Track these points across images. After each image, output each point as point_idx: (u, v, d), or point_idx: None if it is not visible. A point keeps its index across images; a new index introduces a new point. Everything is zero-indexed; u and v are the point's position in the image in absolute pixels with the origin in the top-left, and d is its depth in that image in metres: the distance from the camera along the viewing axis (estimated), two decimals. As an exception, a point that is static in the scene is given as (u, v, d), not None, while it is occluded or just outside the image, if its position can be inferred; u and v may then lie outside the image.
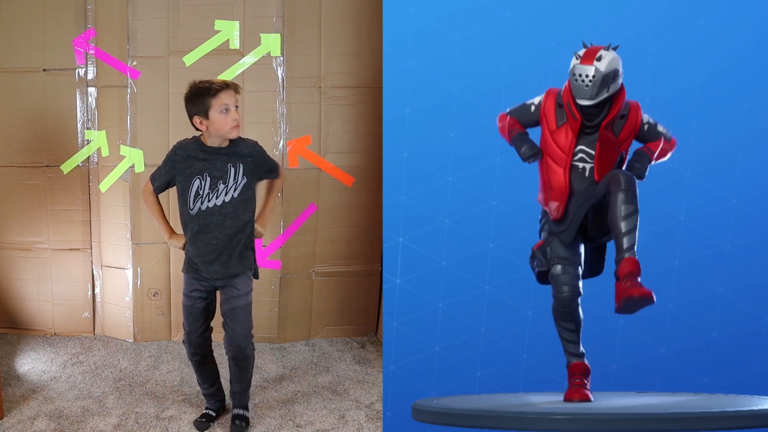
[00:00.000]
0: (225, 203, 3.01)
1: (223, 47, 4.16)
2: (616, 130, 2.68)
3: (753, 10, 3.39)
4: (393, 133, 3.45)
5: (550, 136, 2.71)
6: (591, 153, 2.67)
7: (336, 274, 4.46)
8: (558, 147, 2.69)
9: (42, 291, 4.40)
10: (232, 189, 3.01)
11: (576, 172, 2.69)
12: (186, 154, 3.04)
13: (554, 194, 2.71)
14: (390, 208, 3.44)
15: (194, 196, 3.01)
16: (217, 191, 3.00)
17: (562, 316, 2.73)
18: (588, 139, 2.68)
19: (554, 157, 2.70)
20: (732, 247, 3.42)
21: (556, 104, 2.72)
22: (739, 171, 3.42)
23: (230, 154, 3.02)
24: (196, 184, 3.00)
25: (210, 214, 3.01)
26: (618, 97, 2.65)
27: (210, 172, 3.00)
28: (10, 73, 4.26)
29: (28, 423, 3.29)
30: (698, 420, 2.34)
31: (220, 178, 3.00)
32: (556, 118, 2.71)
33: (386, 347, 3.48)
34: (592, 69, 2.59)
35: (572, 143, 2.67)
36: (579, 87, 2.61)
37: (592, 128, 2.66)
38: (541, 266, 2.76)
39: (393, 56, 3.43)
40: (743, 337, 3.44)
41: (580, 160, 2.69)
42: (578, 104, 2.64)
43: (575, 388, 2.72)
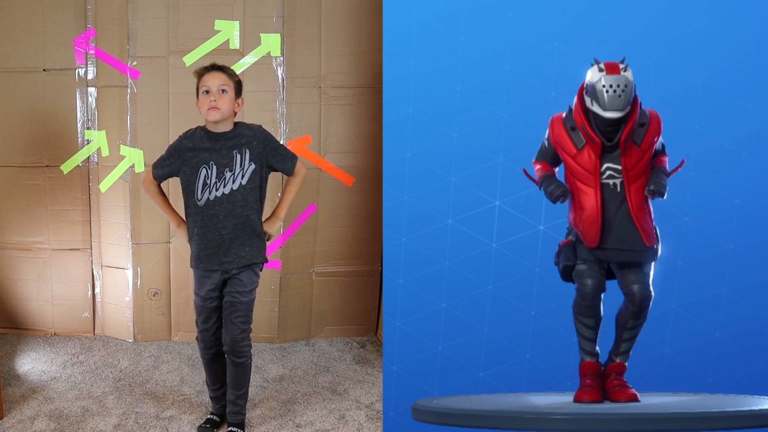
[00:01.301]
0: (233, 191, 2.98)
1: (223, 47, 4.16)
2: (637, 140, 2.67)
3: (755, 9, 3.39)
4: (395, 133, 3.45)
5: (572, 161, 2.70)
6: (618, 168, 2.67)
7: (336, 274, 4.46)
8: (584, 169, 2.68)
9: (42, 291, 4.40)
10: (240, 176, 2.98)
11: (607, 190, 2.68)
12: (192, 144, 3.02)
13: (585, 215, 2.69)
14: (393, 208, 3.44)
15: (202, 186, 2.99)
16: (224, 179, 2.97)
17: (584, 311, 2.73)
18: (612, 155, 2.67)
19: (582, 178, 2.69)
20: (735, 247, 3.42)
21: (566, 129, 2.71)
22: (743, 171, 3.42)
23: (235, 140, 3.00)
24: (203, 174, 2.98)
25: (218, 203, 2.99)
26: (633, 108, 2.65)
27: (216, 160, 2.98)
28: (10, 73, 4.26)
29: (28, 423, 3.29)
30: (698, 420, 2.35)
31: (226, 166, 2.97)
32: (573, 143, 2.70)
33: (388, 347, 3.48)
34: (624, 79, 2.59)
35: (597, 164, 2.66)
36: (611, 98, 2.58)
37: (613, 147, 2.66)
38: (567, 261, 2.75)
39: (395, 56, 3.42)
40: (746, 337, 3.43)
41: (609, 177, 2.68)
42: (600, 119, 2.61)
43: (586, 389, 2.72)
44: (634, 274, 2.67)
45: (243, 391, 3.22)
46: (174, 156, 3.06)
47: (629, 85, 2.59)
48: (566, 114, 2.73)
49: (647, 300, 2.67)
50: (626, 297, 2.70)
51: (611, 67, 2.60)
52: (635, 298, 2.66)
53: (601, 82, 2.59)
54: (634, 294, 2.66)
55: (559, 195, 2.71)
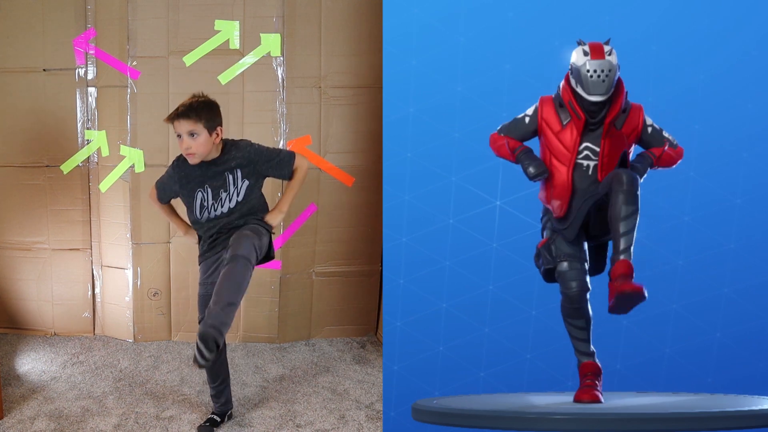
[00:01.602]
0: (231, 209, 3.02)
1: (223, 47, 4.16)
2: (618, 125, 2.68)
3: (755, 9, 3.39)
4: (396, 133, 3.45)
5: (554, 137, 2.71)
6: (596, 150, 2.67)
7: (336, 274, 4.46)
8: (563, 146, 2.69)
9: (42, 291, 4.40)
10: (235, 194, 3.01)
11: (580, 170, 2.69)
12: (184, 173, 3.05)
13: (556, 192, 2.71)
14: (393, 208, 3.44)
15: (200, 208, 3.04)
16: (221, 200, 3.01)
17: (571, 313, 2.72)
18: (592, 135, 2.67)
19: (559, 155, 2.70)
20: (736, 247, 3.42)
21: (555, 106, 2.72)
22: (743, 171, 3.42)
23: (225, 164, 3.01)
24: (200, 197, 3.02)
25: (218, 219, 3.02)
26: (619, 91, 2.65)
27: (210, 183, 3.01)
28: (10, 73, 4.26)
29: (28, 423, 3.29)
30: (698, 420, 2.34)
31: (221, 188, 3.00)
32: (559, 119, 2.71)
33: (389, 347, 3.48)
34: (607, 63, 2.58)
35: (577, 141, 2.67)
36: (594, 83, 2.59)
37: (596, 125, 2.66)
38: (547, 264, 2.75)
39: (395, 56, 3.43)
40: (747, 337, 3.43)
41: (585, 158, 2.69)
42: (586, 101, 2.63)
43: (586, 389, 2.71)
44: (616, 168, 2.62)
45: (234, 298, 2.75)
46: (170, 183, 3.13)
47: (613, 69, 2.59)
48: (555, 93, 2.74)
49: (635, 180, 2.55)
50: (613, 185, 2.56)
51: (596, 51, 2.60)
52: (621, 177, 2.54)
53: (585, 66, 2.60)
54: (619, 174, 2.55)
55: (538, 174, 2.70)
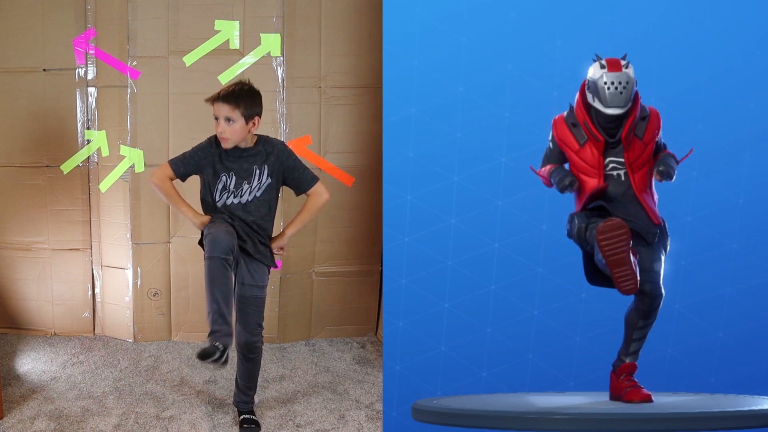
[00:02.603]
0: (248, 202, 3.06)
1: (223, 47, 4.16)
2: (639, 133, 2.68)
3: (758, 8, 3.39)
4: (397, 133, 3.45)
5: (576, 156, 2.71)
6: (621, 161, 2.68)
7: (336, 274, 4.46)
8: (587, 164, 2.70)
9: (42, 291, 4.40)
10: (256, 189, 3.06)
11: (611, 179, 2.69)
12: (218, 152, 3.06)
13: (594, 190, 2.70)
14: (395, 207, 3.44)
15: (220, 191, 3.06)
16: (242, 190, 3.05)
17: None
18: (614, 151, 2.68)
19: (586, 172, 2.71)
20: (738, 246, 3.42)
21: (568, 126, 2.72)
22: (746, 170, 3.42)
23: (255, 156, 3.06)
24: (223, 180, 3.05)
25: (234, 209, 3.06)
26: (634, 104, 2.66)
27: (236, 172, 3.04)
28: (10, 73, 4.26)
29: (28, 423, 3.29)
30: (698, 420, 2.35)
31: (245, 179, 3.05)
32: (575, 138, 2.71)
33: (390, 347, 3.48)
34: (625, 76, 2.59)
35: (600, 159, 2.68)
36: (613, 95, 2.59)
37: (615, 143, 2.67)
38: (581, 222, 2.69)
39: (396, 56, 3.42)
40: (750, 337, 3.43)
41: (613, 169, 2.70)
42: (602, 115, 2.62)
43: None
44: (644, 273, 2.66)
45: (253, 383, 3.34)
46: (200, 156, 3.07)
47: (630, 81, 2.60)
48: (567, 112, 2.74)
49: (658, 299, 2.66)
50: (637, 296, 2.68)
51: (613, 64, 2.61)
52: (646, 297, 2.65)
53: (602, 79, 2.60)
54: (646, 293, 2.64)
55: (567, 184, 2.70)
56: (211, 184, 3.08)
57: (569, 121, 2.71)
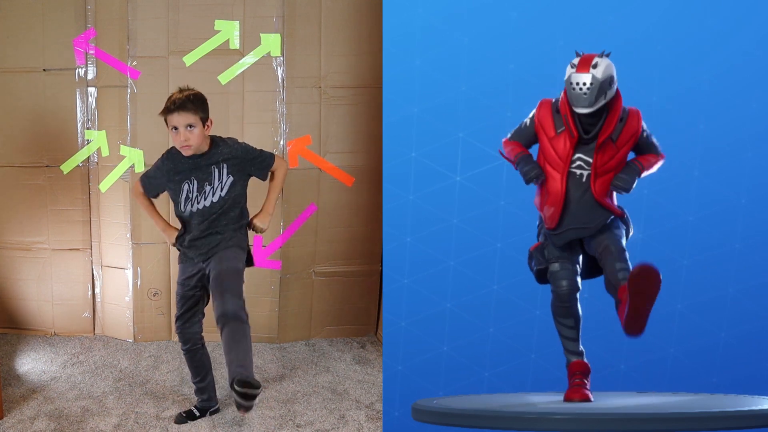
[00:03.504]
0: (213, 203, 3.09)
1: (223, 47, 4.16)
2: (614, 135, 2.68)
3: (759, 8, 3.39)
4: (399, 133, 3.46)
5: (548, 143, 2.72)
6: (588, 161, 2.69)
7: (336, 274, 4.46)
8: (556, 154, 2.71)
9: (42, 291, 4.40)
10: (219, 189, 3.09)
11: (573, 178, 2.71)
12: (173, 166, 3.13)
13: (550, 199, 2.73)
14: (397, 207, 3.45)
15: (185, 200, 3.11)
16: (205, 193, 3.09)
17: (561, 312, 2.74)
18: (586, 147, 2.69)
19: (552, 163, 2.72)
20: (741, 246, 3.42)
21: (552, 111, 2.73)
22: (748, 170, 3.42)
23: (212, 158, 3.09)
24: (186, 188, 3.10)
25: (200, 213, 3.10)
26: (614, 105, 2.66)
27: (196, 176, 3.09)
28: (10, 73, 4.26)
29: (28, 423, 3.29)
30: (698, 420, 2.34)
31: (206, 180, 3.08)
32: (554, 125, 2.72)
33: (392, 347, 3.48)
34: (589, 77, 2.60)
35: (570, 152, 2.69)
36: (577, 96, 2.61)
37: (589, 139, 2.68)
38: (539, 264, 2.78)
39: (397, 56, 3.43)
40: (752, 336, 3.43)
41: (578, 167, 2.71)
42: (576, 114, 2.64)
43: (575, 388, 2.73)
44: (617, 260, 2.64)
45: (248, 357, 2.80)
46: (158, 176, 3.18)
47: (596, 83, 2.59)
48: (556, 99, 2.75)
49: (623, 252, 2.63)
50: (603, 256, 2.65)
51: (582, 64, 2.62)
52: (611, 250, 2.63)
53: (570, 78, 2.62)
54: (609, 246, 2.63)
55: (533, 177, 2.73)
56: (175, 194, 3.14)
57: (554, 107, 2.73)
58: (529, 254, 2.83)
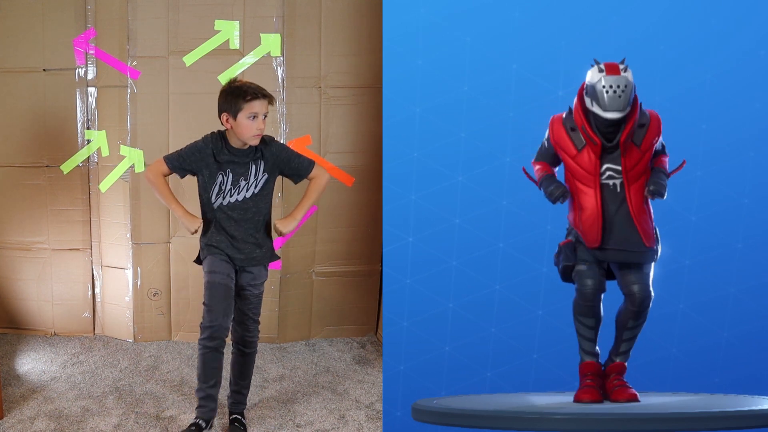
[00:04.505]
0: (246, 199, 3.08)
1: (223, 47, 4.16)
2: (636, 140, 2.67)
3: (761, 7, 3.38)
4: (401, 133, 3.45)
5: (572, 161, 2.71)
6: (617, 169, 2.67)
7: (336, 274, 4.46)
8: (584, 169, 2.69)
9: (42, 291, 4.40)
10: (253, 185, 3.08)
11: (607, 190, 2.69)
12: (215, 151, 3.05)
13: (586, 215, 2.69)
14: (399, 207, 3.45)
15: (217, 191, 3.07)
16: (239, 187, 3.07)
17: (584, 311, 2.73)
18: (611, 156, 2.67)
19: (582, 179, 2.70)
20: (743, 246, 3.41)
21: (566, 129, 2.71)
22: (750, 170, 3.41)
23: (252, 154, 3.07)
24: (219, 180, 3.05)
25: (231, 208, 3.08)
26: (634, 108, 2.65)
27: (233, 169, 3.05)
28: (10, 73, 4.26)
29: (28, 423, 3.29)
30: (698, 420, 2.35)
31: (242, 175, 3.06)
32: (573, 143, 2.70)
33: (394, 347, 3.47)
34: (624, 79, 2.59)
35: (597, 164, 2.67)
36: (611, 99, 2.59)
37: (613, 147, 2.67)
38: (567, 261, 2.75)
39: (400, 55, 3.42)
40: (754, 336, 3.42)
41: (609, 177, 2.69)
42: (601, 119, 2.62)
43: (586, 389, 2.73)
44: (633, 275, 2.68)
45: (248, 381, 3.32)
46: (197, 156, 3.07)
47: (629, 85, 2.59)
48: (566, 114, 2.73)
49: (647, 300, 2.68)
50: (626, 297, 2.70)
51: (611, 68, 2.61)
52: (635, 299, 2.67)
53: (601, 82, 2.59)
54: (634, 294, 2.67)
55: (559, 195, 2.72)
56: (207, 184, 3.08)
57: (567, 125, 2.70)
58: (558, 249, 2.79)
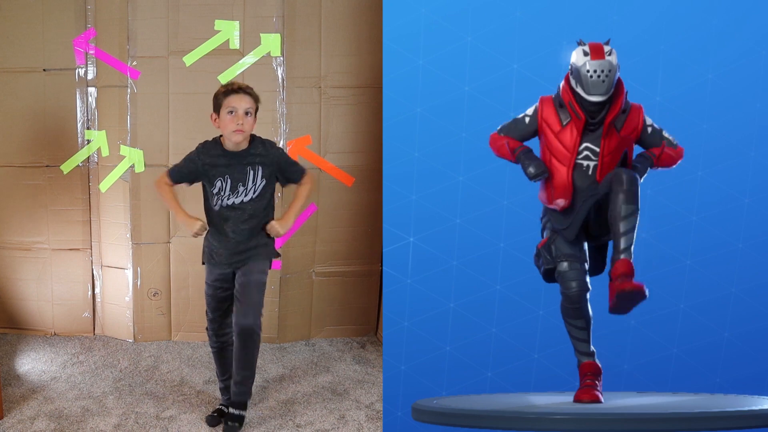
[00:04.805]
0: (244, 203, 3.12)
1: (223, 47, 4.16)
2: (617, 125, 2.68)
3: (763, 6, 3.38)
4: (402, 133, 3.45)
5: (554, 137, 2.71)
6: (596, 150, 2.68)
7: (336, 274, 4.46)
8: (563, 146, 2.69)
9: (42, 291, 4.40)
10: (251, 190, 3.12)
11: (580, 170, 2.70)
12: (209, 161, 3.13)
13: (557, 193, 2.71)
14: (400, 207, 3.45)
15: (216, 195, 3.12)
16: (237, 192, 3.11)
17: (571, 314, 2.73)
18: (592, 136, 2.68)
19: (559, 156, 2.70)
20: (744, 246, 3.41)
21: (555, 106, 2.72)
22: (752, 170, 3.42)
23: (249, 158, 3.11)
24: (218, 185, 3.11)
25: (231, 210, 3.12)
26: (619, 92, 2.65)
27: (231, 174, 3.10)
28: (10, 73, 4.26)
29: (28, 423, 3.29)
30: (698, 420, 2.34)
31: (240, 181, 3.10)
32: (559, 119, 2.71)
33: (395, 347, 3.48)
34: (607, 63, 2.59)
35: (577, 141, 2.68)
36: (594, 83, 2.59)
37: (596, 125, 2.66)
38: (547, 264, 2.76)
39: (401, 55, 3.42)
40: (755, 336, 3.43)
41: (585, 158, 2.69)
42: (586, 101, 2.63)
43: (586, 389, 2.72)
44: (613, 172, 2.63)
45: (250, 372, 3.24)
46: (190, 168, 3.17)
47: (613, 69, 2.60)
48: (555, 94, 2.74)
49: (635, 180, 2.58)
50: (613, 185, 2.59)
51: (596, 51, 2.61)
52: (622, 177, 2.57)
53: (585, 66, 2.61)
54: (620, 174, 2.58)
55: (538, 174, 2.70)
56: (207, 189, 3.15)
57: (556, 102, 2.72)
58: (537, 252, 2.81)
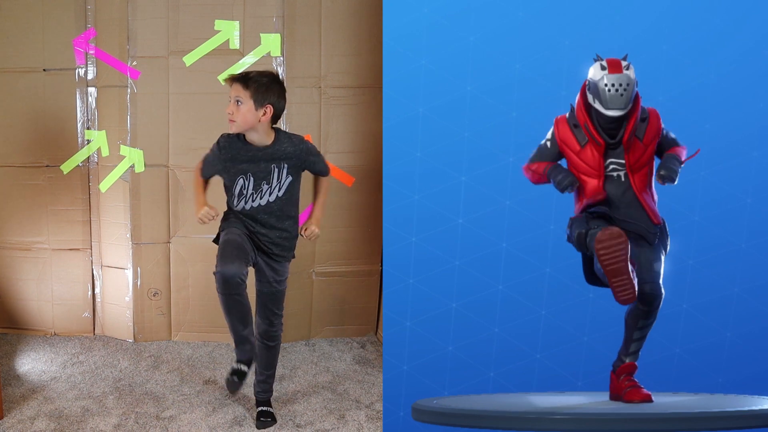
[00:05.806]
0: (269, 203, 3.01)
1: (223, 47, 4.16)
2: (639, 134, 2.69)
3: (765, 5, 3.38)
4: (404, 133, 3.45)
5: (576, 157, 2.72)
6: (621, 162, 2.69)
7: (336, 274, 4.46)
8: (587, 165, 2.70)
9: (42, 291, 4.40)
10: (276, 189, 3.00)
11: (611, 180, 2.70)
12: (230, 155, 2.99)
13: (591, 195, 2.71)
14: (402, 207, 3.45)
15: (238, 195, 3.00)
16: (261, 191, 2.99)
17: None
18: (615, 152, 2.69)
19: (586, 173, 2.72)
20: (747, 246, 3.41)
21: (570, 126, 2.72)
22: (754, 170, 3.42)
23: (274, 154, 2.98)
24: (240, 184, 2.99)
25: (255, 212, 3.01)
26: (635, 104, 2.66)
27: (253, 172, 2.97)
28: (10, 73, 4.26)
29: (28, 423, 3.29)
30: (698, 420, 2.35)
31: (264, 179, 2.98)
32: (576, 140, 2.71)
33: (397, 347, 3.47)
34: (626, 77, 2.60)
35: (600, 161, 2.69)
36: (613, 97, 2.60)
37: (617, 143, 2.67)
38: (580, 228, 2.69)
39: (402, 55, 3.42)
40: (758, 336, 3.43)
41: (613, 170, 2.71)
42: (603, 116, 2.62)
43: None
44: (645, 273, 2.66)
45: (273, 371, 3.39)
46: (213, 162, 3.04)
47: (631, 83, 2.60)
48: (569, 113, 2.74)
49: (658, 299, 2.66)
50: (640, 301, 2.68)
51: (614, 66, 2.61)
52: (646, 298, 2.64)
53: (603, 80, 2.61)
54: (645, 293, 2.64)
55: (568, 184, 2.71)
56: (228, 187, 3.03)
57: (571, 122, 2.72)
58: (570, 222, 2.77)
